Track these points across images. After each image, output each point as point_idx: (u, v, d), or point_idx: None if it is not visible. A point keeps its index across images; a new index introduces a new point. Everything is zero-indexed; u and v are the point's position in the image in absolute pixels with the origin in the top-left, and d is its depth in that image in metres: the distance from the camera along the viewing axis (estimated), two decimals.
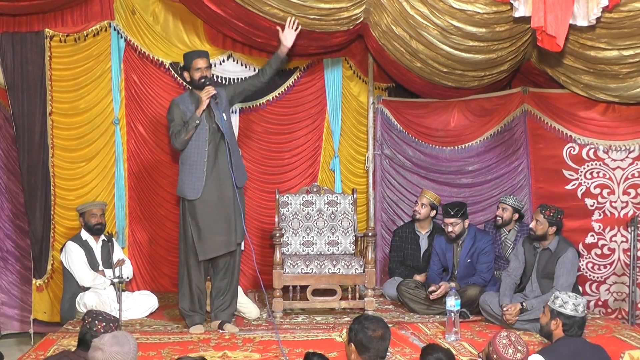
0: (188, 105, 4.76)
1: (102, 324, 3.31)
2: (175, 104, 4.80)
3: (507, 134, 6.15)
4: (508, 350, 3.18)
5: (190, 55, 4.88)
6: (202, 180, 4.70)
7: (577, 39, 5.13)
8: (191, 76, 4.76)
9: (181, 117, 4.73)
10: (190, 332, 4.71)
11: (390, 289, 5.71)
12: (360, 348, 2.98)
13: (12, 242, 5.71)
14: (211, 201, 4.72)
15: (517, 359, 3.17)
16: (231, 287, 4.90)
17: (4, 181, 5.71)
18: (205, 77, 4.71)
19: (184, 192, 4.76)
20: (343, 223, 5.68)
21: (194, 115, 4.67)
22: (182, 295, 4.86)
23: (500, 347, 3.20)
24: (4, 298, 5.67)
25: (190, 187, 4.71)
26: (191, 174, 4.72)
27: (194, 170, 4.71)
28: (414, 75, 5.86)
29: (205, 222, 4.71)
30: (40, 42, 5.47)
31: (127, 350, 2.89)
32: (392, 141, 6.35)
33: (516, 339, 3.24)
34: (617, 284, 5.69)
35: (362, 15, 5.44)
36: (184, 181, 4.75)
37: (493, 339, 3.25)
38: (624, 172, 5.70)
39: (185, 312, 4.86)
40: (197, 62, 4.73)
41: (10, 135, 5.64)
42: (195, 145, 4.70)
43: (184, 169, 4.75)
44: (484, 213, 6.19)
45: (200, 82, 4.71)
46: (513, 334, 3.27)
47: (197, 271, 4.81)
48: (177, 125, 4.72)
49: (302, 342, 4.44)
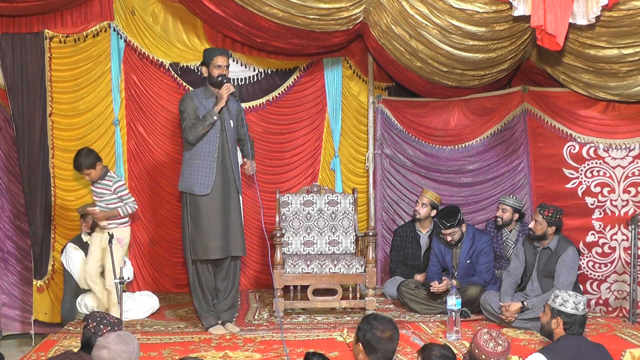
0: (202, 100, 4.75)
1: (108, 327, 3.31)
2: (189, 96, 4.77)
3: (507, 132, 6.15)
4: (489, 344, 3.30)
5: (212, 51, 4.86)
6: (212, 177, 4.67)
7: (576, 37, 5.13)
8: (209, 72, 4.74)
9: (194, 110, 4.70)
10: (211, 332, 4.70)
11: (391, 289, 5.71)
12: (368, 348, 2.97)
13: (13, 243, 5.72)
14: (215, 201, 4.69)
15: (498, 352, 3.28)
16: (233, 288, 4.89)
17: (4, 182, 5.71)
18: (223, 76, 4.71)
19: (192, 188, 4.69)
20: (343, 223, 5.68)
21: (212, 111, 4.64)
22: (195, 295, 4.82)
23: (481, 342, 3.31)
24: (5, 299, 5.68)
25: (199, 183, 4.67)
26: (201, 170, 4.68)
27: (205, 165, 4.67)
28: (414, 75, 5.87)
29: (205, 222, 4.68)
30: (40, 43, 5.48)
31: (132, 349, 2.94)
32: (392, 141, 6.35)
33: (497, 334, 3.36)
34: (617, 283, 5.69)
35: (361, 15, 5.44)
36: (193, 177, 4.69)
37: (474, 336, 3.37)
38: (625, 170, 5.70)
39: (201, 313, 4.84)
40: (218, 60, 4.71)
41: (10, 137, 5.64)
42: (207, 141, 4.67)
43: (194, 164, 4.70)
44: (484, 212, 6.20)
45: (217, 79, 4.70)
46: (494, 330, 3.39)
47: (205, 269, 4.78)
48: (190, 117, 4.67)
49: (303, 342, 4.44)
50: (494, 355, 3.27)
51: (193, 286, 4.82)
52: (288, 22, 5.27)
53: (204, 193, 4.67)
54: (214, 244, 4.68)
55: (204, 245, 4.68)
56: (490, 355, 3.27)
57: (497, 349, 3.28)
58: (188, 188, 4.72)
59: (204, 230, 4.68)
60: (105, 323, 3.33)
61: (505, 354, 3.30)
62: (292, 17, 5.20)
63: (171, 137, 5.93)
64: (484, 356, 3.28)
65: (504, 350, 3.30)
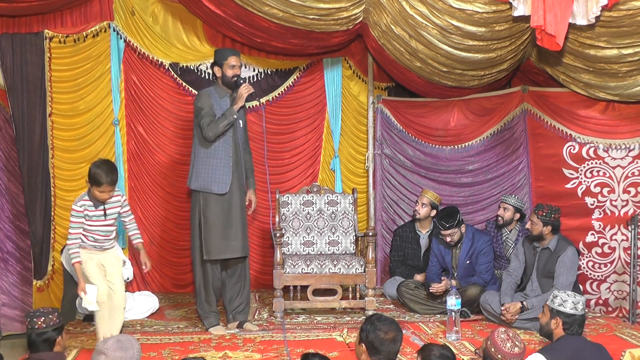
0: (216, 99, 4.75)
1: (41, 318, 3.30)
2: (206, 94, 4.76)
3: (507, 133, 6.15)
4: (506, 344, 3.27)
5: (224, 51, 4.87)
6: (229, 175, 4.68)
7: (576, 37, 5.12)
8: (223, 72, 4.75)
9: (211, 107, 4.69)
10: (211, 332, 4.70)
11: (391, 289, 5.71)
12: (371, 349, 2.96)
13: (13, 243, 5.71)
14: (231, 200, 4.69)
15: (515, 353, 3.26)
16: (245, 289, 4.90)
17: (4, 182, 5.70)
18: (238, 76, 4.74)
19: (209, 187, 4.66)
20: (343, 223, 5.68)
21: (231, 109, 4.65)
22: (199, 295, 4.81)
23: (499, 341, 3.29)
24: (5, 299, 5.67)
25: (218, 182, 4.66)
26: (218, 168, 4.67)
27: (222, 164, 4.67)
28: (414, 75, 5.87)
29: (223, 222, 4.68)
30: (39, 43, 5.47)
31: (131, 355, 2.88)
32: (392, 141, 6.36)
33: (514, 335, 3.34)
34: (617, 283, 5.69)
35: (361, 15, 5.44)
36: (210, 175, 4.66)
37: (491, 334, 3.35)
38: (624, 170, 5.70)
39: (202, 314, 4.83)
40: (232, 59, 4.73)
41: (10, 137, 5.64)
42: (224, 139, 4.68)
43: (210, 162, 4.68)
44: (484, 212, 6.19)
45: (232, 79, 4.72)
46: (511, 331, 3.36)
47: (214, 269, 4.77)
48: (209, 115, 4.65)
49: (303, 342, 4.45)
50: (511, 355, 3.25)
51: (198, 286, 4.80)
52: (288, 22, 5.27)
53: (223, 192, 4.67)
54: (233, 243, 4.69)
55: (220, 245, 4.67)
56: (506, 355, 3.25)
57: (514, 350, 3.26)
58: (205, 187, 4.68)
59: (219, 230, 4.67)
60: (38, 315, 3.32)
61: (521, 355, 3.28)
62: (292, 17, 5.20)
63: (171, 137, 5.93)
64: (500, 356, 3.26)
65: (521, 352, 3.28)
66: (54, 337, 3.31)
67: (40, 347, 3.28)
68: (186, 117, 5.93)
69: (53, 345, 3.31)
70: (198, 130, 4.71)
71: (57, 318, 3.34)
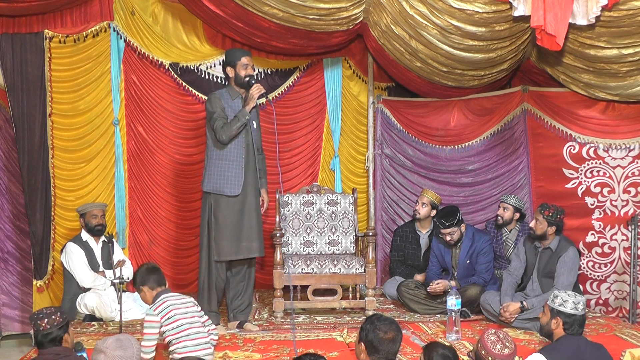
0: (228, 101, 4.75)
1: (45, 320, 3.32)
2: (216, 97, 4.75)
3: (507, 133, 6.15)
4: (496, 346, 3.26)
5: (236, 52, 4.87)
6: (241, 177, 4.68)
7: (576, 37, 5.13)
8: (236, 72, 4.75)
9: (222, 109, 4.69)
10: None
11: (391, 289, 5.71)
12: (370, 349, 2.96)
13: (13, 243, 5.71)
14: (244, 202, 4.69)
15: (505, 355, 3.25)
16: (248, 289, 4.90)
17: (4, 182, 5.70)
18: (251, 77, 4.75)
19: (221, 189, 4.67)
20: (343, 223, 5.68)
21: (244, 110, 4.65)
22: (201, 295, 4.80)
23: (488, 343, 3.28)
24: (5, 299, 5.67)
25: (230, 184, 4.67)
26: (230, 170, 4.67)
27: (234, 166, 4.68)
28: (414, 75, 5.87)
29: (235, 223, 4.68)
30: (39, 43, 5.47)
31: (130, 354, 2.89)
32: (392, 141, 6.36)
33: (504, 335, 3.32)
34: (617, 283, 5.69)
35: (361, 15, 5.44)
36: (222, 177, 4.67)
37: (481, 337, 3.34)
38: (624, 170, 5.70)
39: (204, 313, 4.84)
40: (245, 59, 4.74)
41: (10, 137, 5.64)
42: (235, 141, 4.69)
43: (222, 164, 4.68)
44: (484, 212, 6.20)
45: (245, 79, 4.73)
46: (501, 332, 3.35)
47: (221, 270, 4.77)
48: (221, 117, 4.65)
49: (303, 342, 4.44)
50: (501, 357, 3.24)
51: (202, 286, 4.81)
52: (288, 22, 5.27)
53: (235, 194, 4.67)
54: (244, 244, 4.70)
55: (230, 247, 4.67)
56: (497, 357, 3.24)
57: (504, 351, 3.25)
58: (217, 189, 4.69)
59: (230, 232, 4.67)
60: (41, 317, 3.33)
61: (511, 357, 3.26)
62: (292, 17, 5.20)
63: (171, 137, 5.93)
64: (490, 358, 3.25)
65: (511, 353, 3.26)
66: (60, 335, 3.34)
67: (48, 346, 3.32)
68: (186, 117, 5.94)
69: (60, 342, 3.35)
70: (211, 133, 4.71)
71: (60, 317, 3.36)
